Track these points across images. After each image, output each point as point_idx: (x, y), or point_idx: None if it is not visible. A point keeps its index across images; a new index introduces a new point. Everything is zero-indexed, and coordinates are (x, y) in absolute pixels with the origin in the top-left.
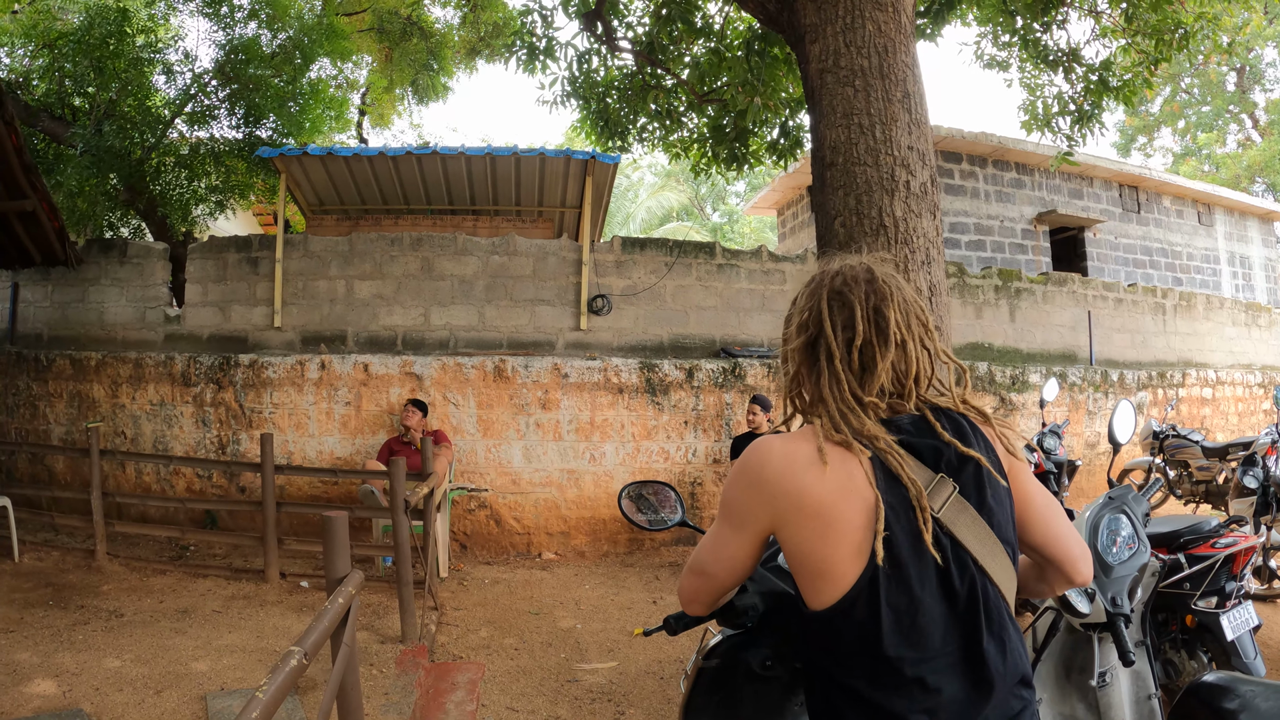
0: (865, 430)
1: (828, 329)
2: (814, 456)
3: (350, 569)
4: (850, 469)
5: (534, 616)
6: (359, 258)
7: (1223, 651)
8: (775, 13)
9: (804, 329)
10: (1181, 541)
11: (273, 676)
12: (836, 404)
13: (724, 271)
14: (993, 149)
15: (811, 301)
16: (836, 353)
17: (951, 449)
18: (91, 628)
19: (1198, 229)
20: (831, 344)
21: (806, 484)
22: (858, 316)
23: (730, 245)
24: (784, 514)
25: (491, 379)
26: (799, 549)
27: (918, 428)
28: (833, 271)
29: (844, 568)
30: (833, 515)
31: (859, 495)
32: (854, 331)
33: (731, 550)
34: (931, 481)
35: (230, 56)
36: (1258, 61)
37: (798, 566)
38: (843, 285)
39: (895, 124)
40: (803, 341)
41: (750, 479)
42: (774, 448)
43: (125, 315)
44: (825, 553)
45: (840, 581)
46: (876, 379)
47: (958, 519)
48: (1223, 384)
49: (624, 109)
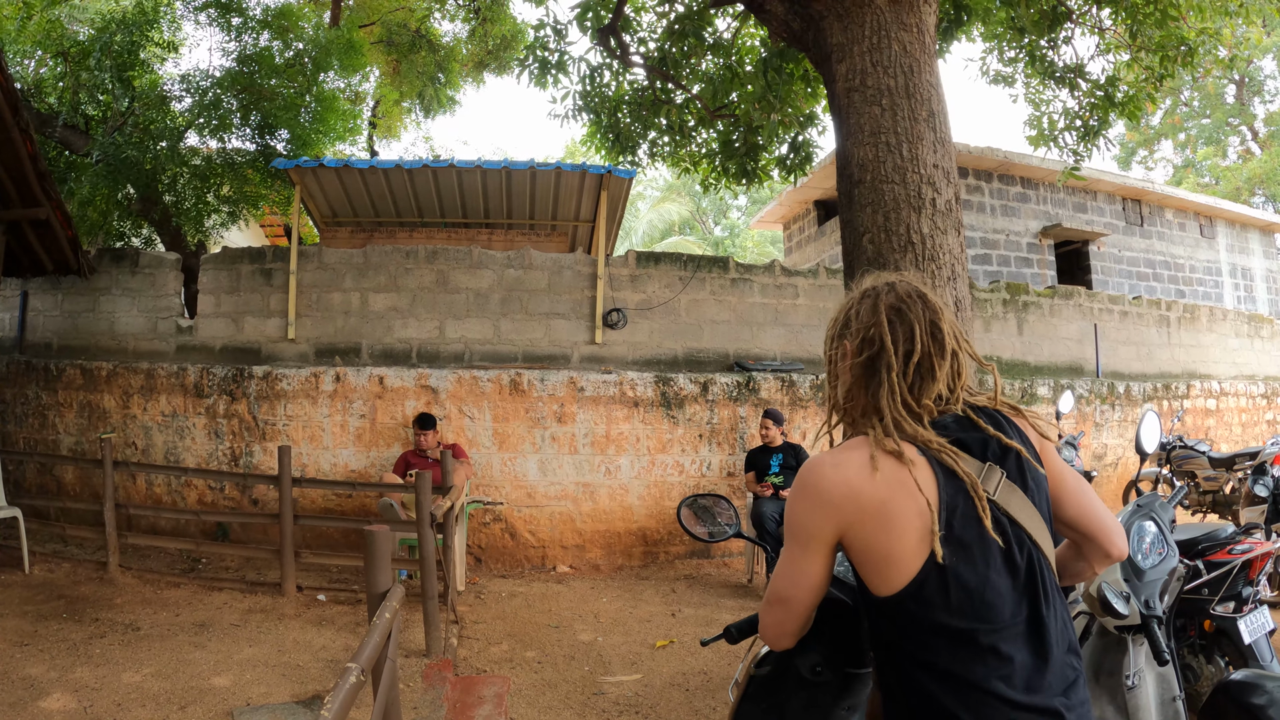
0: (919, 436)
1: (889, 344)
2: (866, 463)
3: (392, 583)
4: (901, 473)
5: (554, 629)
6: (374, 270)
7: (1240, 655)
8: (800, 32)
9: (867, 345)
10: (1200, 548)
11: (335, 693)
12: (892, 413)
13: (737, 286)
14: (998, 164)
15: (873, 318)
16: (895, 366)
17: (994, 440)
18: (108, 641)
19: (1200, 241)
20: (892, 359)
21: (862, 487)
22: (917, 332)
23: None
24: (847, 518)
25: (507, 392)
26: (864, 545)
27: (962, 425)
28: (884, 288)
29: (909, 555)
30: (891, 510)
31: (912, 493)
32: (914, 346)
33: (806, 570)
34: (982, 470)
35: (243, 67)
36: (1257, 74)
37: (864, 559)
38: (899, 302)
39: (921, 142)
40: (864, 358)
41: (810, 497)
42: (825, 463)
43: (137, 325)
44: (889, 544)
45: (907, 567)
46: (935, 387)
47: (1010, 499)
48: (1226, 395)
49: (635, 123)
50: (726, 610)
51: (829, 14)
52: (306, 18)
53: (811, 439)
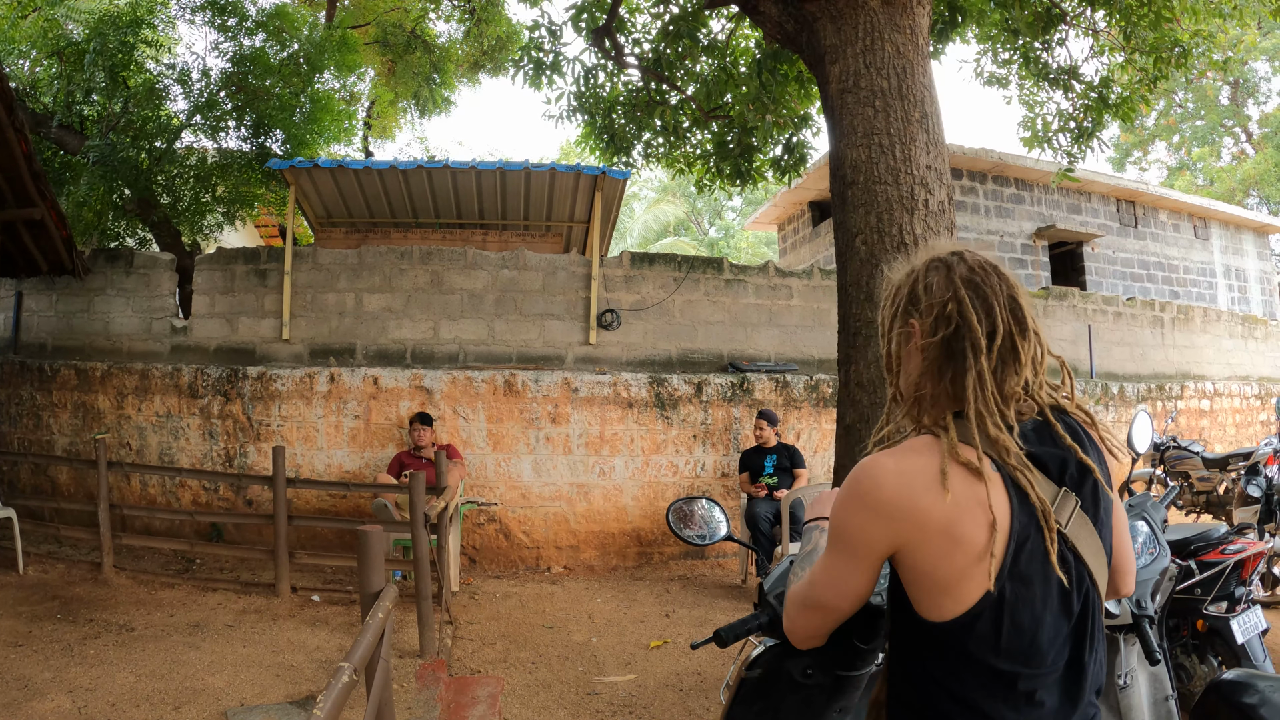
0: (999, 442)
1: (973, 321)
2: (935, 475)
3: (385, 584)
4: (976, 491)
5: (548, 630)
6: (368, 271)
7: (1233, 655)
8: (794, 33)
9: (942, 323)
10: (1192, 548)
11: (327, 693)
12: (978, 405)
13: (731, 287)
14: (993, 165)
15: (948, 291)
16: (983, 349)
17: (1073, 461)
18: (102, 641)
19: (1194, 243)
20: (979, 338)
21: (928, 505)
22: (997, 308)
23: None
24: (906, 536)
25: (501, 393)
26: (921, 566)
27: (1040, 435)
28: (953, 258)
29: (968, 584)
30: (957, 534)
31: (984, 518)
32: (995, 324)
33: (852, 580)
34: (1056, 496)
35: (238, 68)
36: (1251, 76)
37: (918, 581)
38: (972, 274)
39: (914, 144)
40: (939, 338)
41: (866, 506)
42: (887, 467)
43: (131, 326)
44: (950, 570)
45: (965, 597)
46: (1020, 373)
47: (1080, 534)
48: (1220, 395)
49: (629, 124)
50: (721, 611)
51: (822, 15)
52: (302, 19)
53: (805, 440)
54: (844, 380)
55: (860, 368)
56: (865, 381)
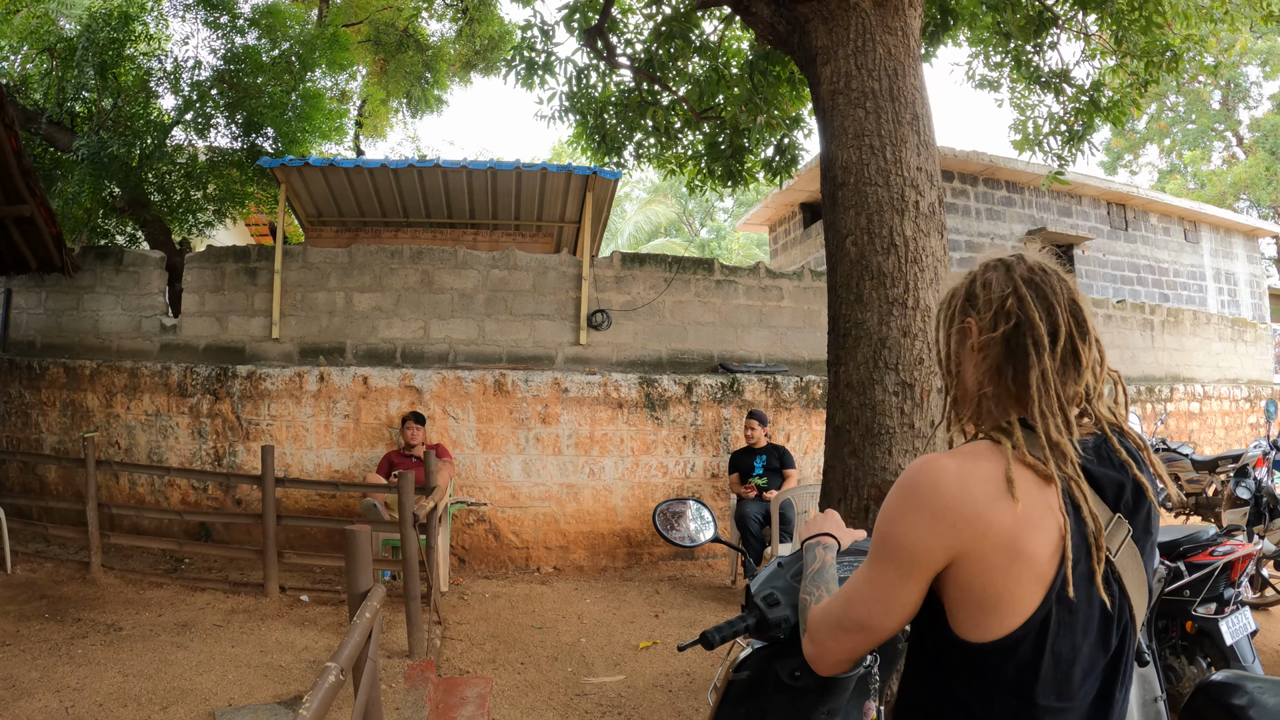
0: (1060, 446)
1: (1035, 317)
2: (998, 481)
3: (373, 583)
4: (1043, 495)
5: (537, 631)
6: (358, 270)
7: (1222, 656)
8: (785, 34)
9: (1002, 319)
10: (1181, 550)
11: (314, 693)
12: (1042, 403)
13: (722, 288)
14: (984, 167)
15: (1008, 288)
16: (1045, 346)
17: (1130, 486)
18: (90, 641)
19: (1184, 246)
20: (1041, 335)
21: (991, 513)
22: (1058, 310)
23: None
24: (965, 546)
25: (491, 393)
26: (975, 581)
27: (1100, 454)
28: (1014, 259)
29: (1019, 604)
30: (1019, 548)
31: (1049, 525)
32: (1056, 324)
33: (901, 596)
34: (1110, 520)
35: (230, 65)
36: (1242, 80)
37: (965, 597)
38: (1032, 274)
39: (905, 145)
40: (1000, 334)
41: (925, 511)
42: (948, 468)
43: (121, 324)
44: (1004, 588)
45: (1011, 618)
46: (1082, 377)
47: (1127, 566)
48: (1210, 398)
49: (621, 125)
50: (710, 612)
51: (814, 17)
52: (295, 16)
53: (795, 441)
54: (833, 381)
55: (850, 369)
56: (855, 383)
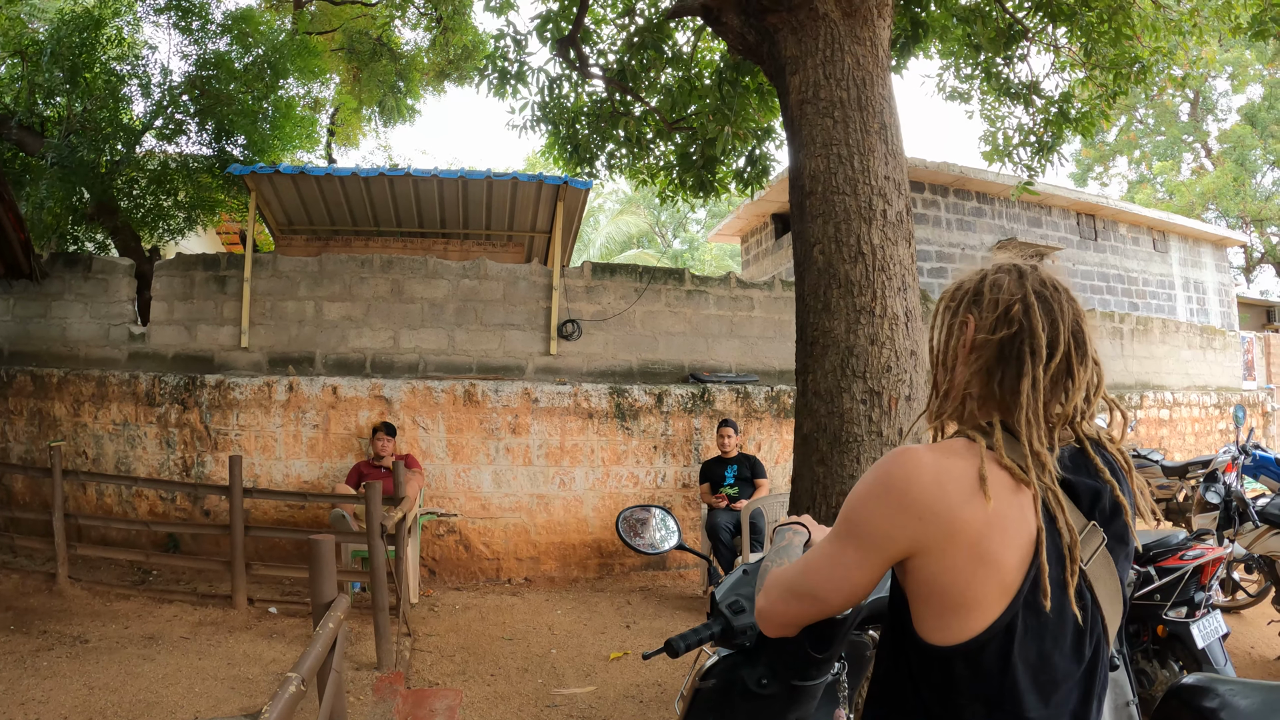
0: (1040, 456)
1: (1038, 327)
2: (971, 478)
3: (337, 594)
4: (1016, 499)
5: (507, 642)
6: (328, 279)
7: (1194, 659)
8: (755, 44)
9: (1004, 323)
10: (1151, 555)
11: (274, 703)
12: (1029, 411)
13: (693, 297)
14: (954, 178)
15: (1018, 293)
16: (1042, 358)
17: (1107, 495)
18: (56, 654)
19: (1153, 255)
20: (1040, 345)
21: (960, 512)
22: (1061, 325)
23: (694, 271)
24: (929, 541)
25: (461, 403)
26: (938, 580)
27: (1076, 463)
28: (1028, 267)
29: (984, 607)
30: (987, 548)
31: (1020, 530)
32: (1056, 339)
33: (855, 575)
34: (1085, 528)
35: (201, 71)
36: (1210, 92)
37: (929, 597)
38: (1042, 286)
39: (873, 154)
40: (999, 338)
41: (893, 498)
42: (923, 460)
43: (89, 332)
44: (968, 589)
45: (975, 621)
46: (1073, 396)
47: (1100, 575)
48: (1179, 405)
49: (593, 135)
50: (682, 622)
51: (783, 27)
52: (268, 24)
53: (766, 450)
54: (801, 390)
55: (818, 377)
56: (823, 391)
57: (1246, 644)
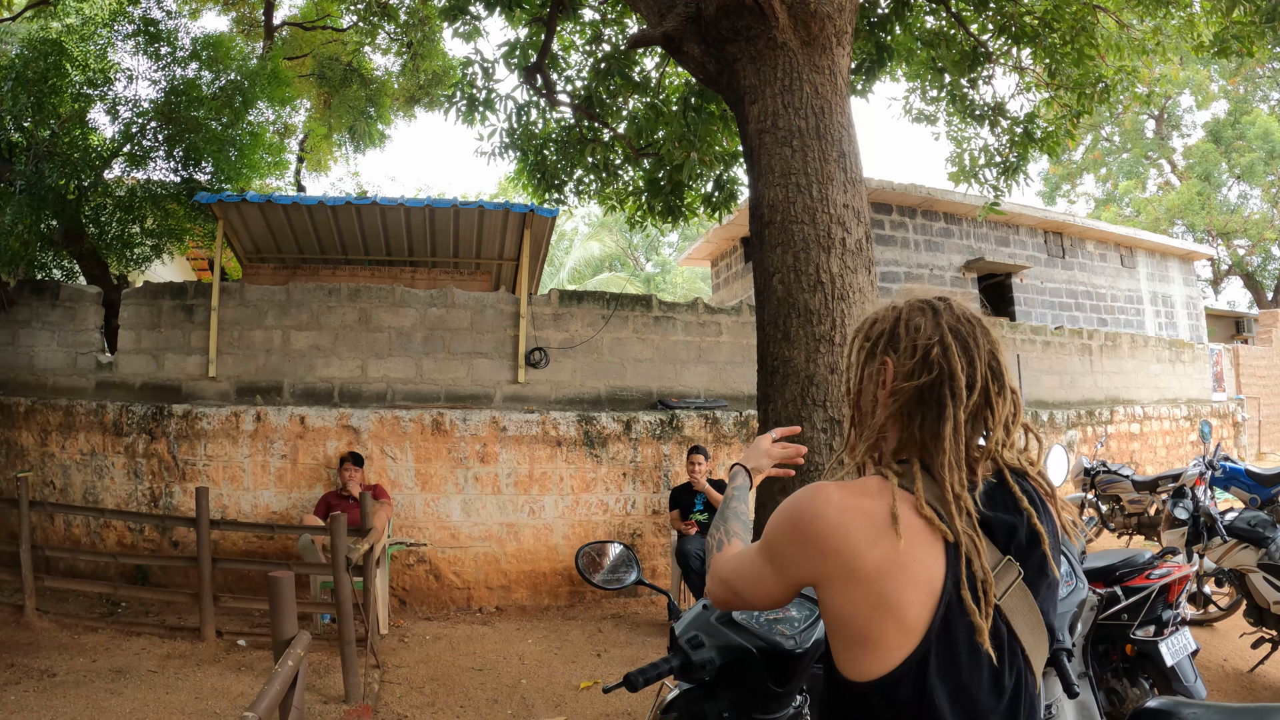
0: (961, 500)
1: (957, 369)
2: (881, 519)
3: (297, 630)
4: (923, 546)
5: (478, 672)
6: (296, 308)
7: (1163, 677)
8: (715, 73)
9: (924, 368)
10: (1117, 575)
11: None
12: (950, 456)
13: (661, 324)
14: (922, 200)
15: (934, 336)
16: (963, 399)
17: (1024, 528)
18: (23, 688)
19: (1121, 271)
20: (960, 388)
21: (862, 549)
22: (978, 362)
23: (664, 296)
24: (829, 575)
25: (429, 432)
26: (841, 613)
27: (993, 497)
28: (940, 304)
29: (891, 644)
30: (885, 589)
31: (926, 574)
32: (974, 378)
33: (770, 587)
34: (999, 564)
35: (170, 97)
36: (1174, 109)
37: (837, 630)
38: (957, 323)
39: (831, 183)
40: (918, 384)
41: (798, 529)
42: (831, 499)
43: (56, 360)
44: (869, 626)
45: (885, 657)
46: (993, 432)
47: (1017, 608)
48: (1150, 419)
49: (561, 161)
50: (653, 649)
51: (742, 56)
52: (239, 49)
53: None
54: (763, 419)
55: (779, 405)
56: (784, 419)
57: (1219, 657)
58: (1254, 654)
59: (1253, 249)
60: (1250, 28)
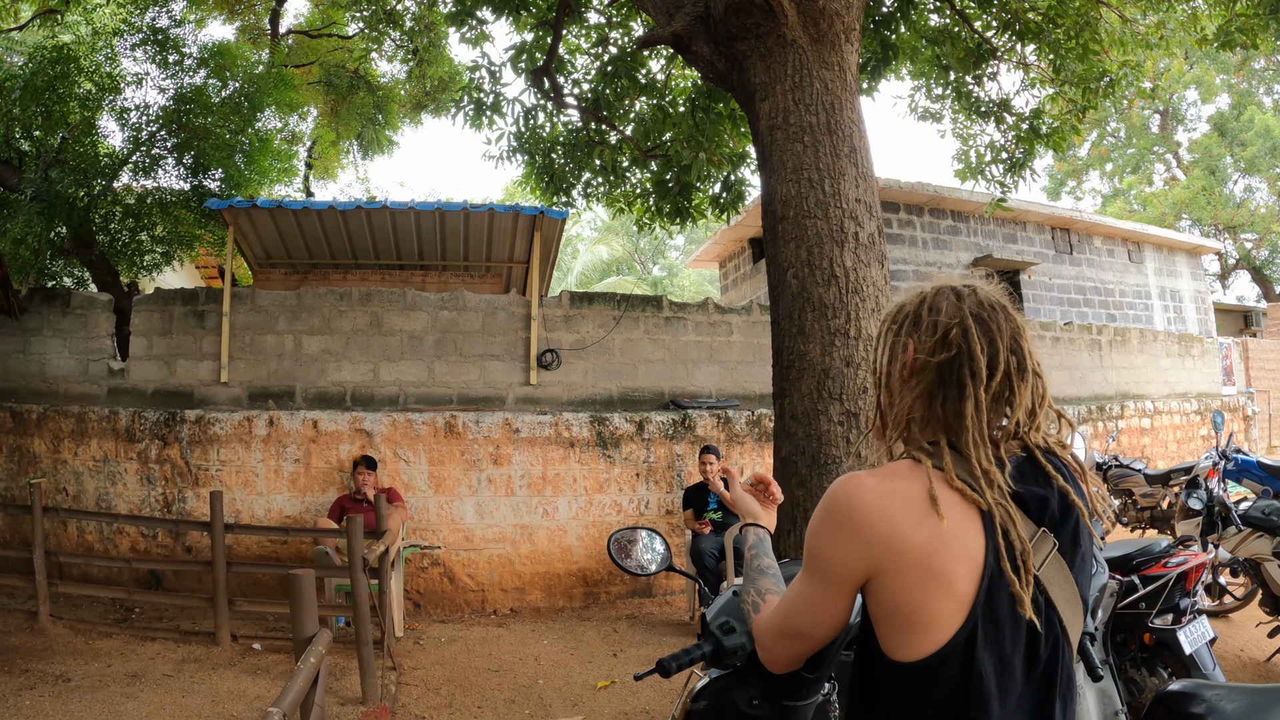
0: (990, 474)
1: (976, 349)
2: (918, 499)
3: (318, 628)
4: (964, 518)
5: (494, 674)
6: (307, 312)
7: (1182, 665)
8: (725, 72)
9: (943, 346)
10: (1135, 564)
11: None
12: (974, 431)
13: (671, 324)
14: (929, 198)
15: (955, 316)
16: (983, 379)
17: (1056, 500)
18: (39, 693)
19: (1128, 266)
20: (980, 367)
21: (908, 532)
22: (1000, 344)
23: (673, 298)
24: (880, 563)
25: (442, 435)
26: (892, 599)
27: (1023, 472)
28: (965, 289)
29: (941, 622)
30: (934, 567)
31: (968, 549)
32: (995, 359)
33: (831, 608)
34: (1034, 535)
35: (179, 105)
36: (1179, 103)
37: (887, 616)
38: (980, 308)
39: (843, 178)
40: (938, 361)
41: (840, 528)
42: (866, 485)
43: (68, 367)
44: (923, 606)
45: (934, 636)
46: (1015, 412)
47: (1054, 578)
48: (1160, 413)
49: (569, 164)
50: (668, 648)
51: (752, 54)
52: (245, 57)
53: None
54: (779, 413)
55: (794, 400)
56: (800, 414)
57: (1235, 647)
58: (1270, 644)
59: (1260, 242)
60: (1254, 20)
